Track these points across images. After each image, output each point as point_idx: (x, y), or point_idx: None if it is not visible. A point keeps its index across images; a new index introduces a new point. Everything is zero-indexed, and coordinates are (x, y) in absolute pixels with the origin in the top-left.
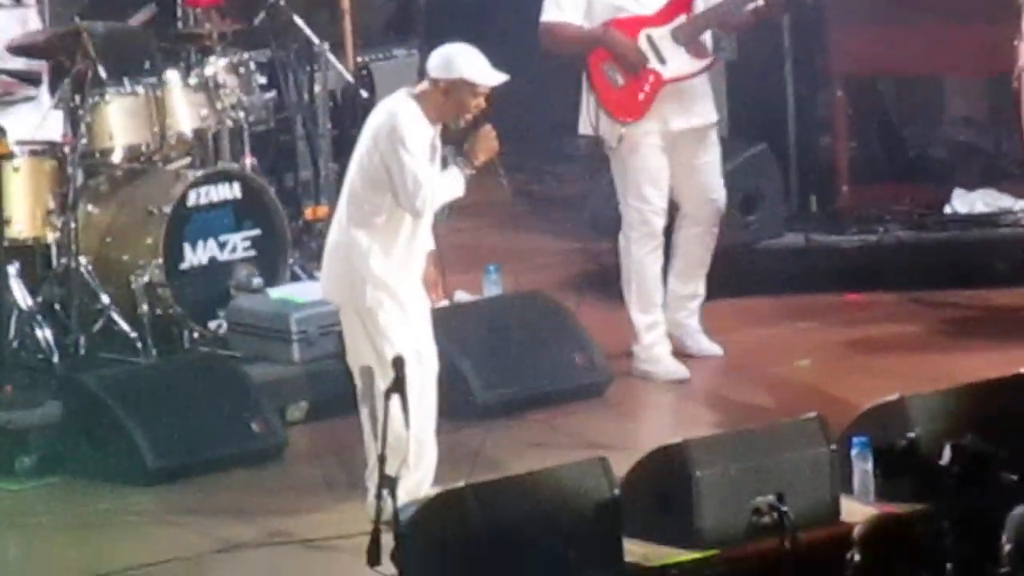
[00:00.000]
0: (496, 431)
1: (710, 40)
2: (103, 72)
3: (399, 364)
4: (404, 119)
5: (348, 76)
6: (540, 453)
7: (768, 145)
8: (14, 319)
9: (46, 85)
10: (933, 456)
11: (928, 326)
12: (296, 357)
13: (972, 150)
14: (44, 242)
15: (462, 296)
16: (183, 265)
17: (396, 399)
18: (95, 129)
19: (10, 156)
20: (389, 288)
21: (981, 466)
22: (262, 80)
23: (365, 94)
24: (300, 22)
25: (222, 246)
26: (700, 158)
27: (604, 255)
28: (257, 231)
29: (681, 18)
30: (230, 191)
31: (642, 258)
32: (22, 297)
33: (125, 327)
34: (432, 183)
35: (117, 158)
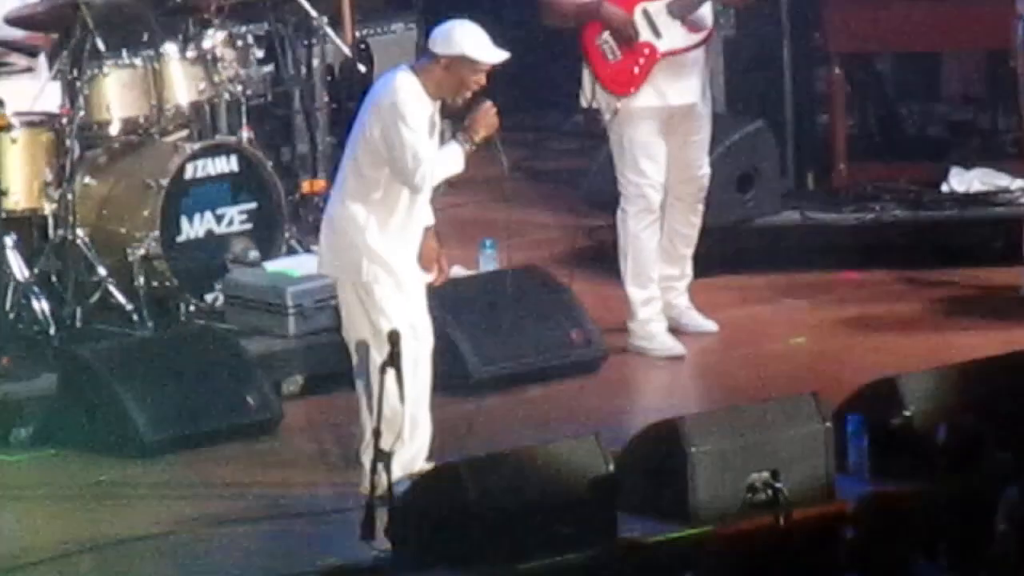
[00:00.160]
0: (491, 406)
1: (708, 14)
2: (101, 44)
3: (395, 338)
4: (404, 94)
5: (346, 50)
6: (535, 429)
7: (765, 122)
8: (11, 291)
9: (44, 57)
10: (927, 435)
11: (924, 304)
12: (292, 331)
13: (969, 129)
14: (41, 214)
15: (458, 271)
16: (180, 238)
17: (391, 373)
18: (93, 101)
19: (8, 128)
20: (385, 262)
21: (975, 445)
22: (260, 53)
23: (363, 68)
24: None
25: (219, 219)
26: (692, 134)
27: (601, 231)
28: (254, 204)
29: None
30: (227, 164)
31: (638, 232)
32: (19, 269)
33: (122, 299)
34: (431, 159)
35: (115, 130)
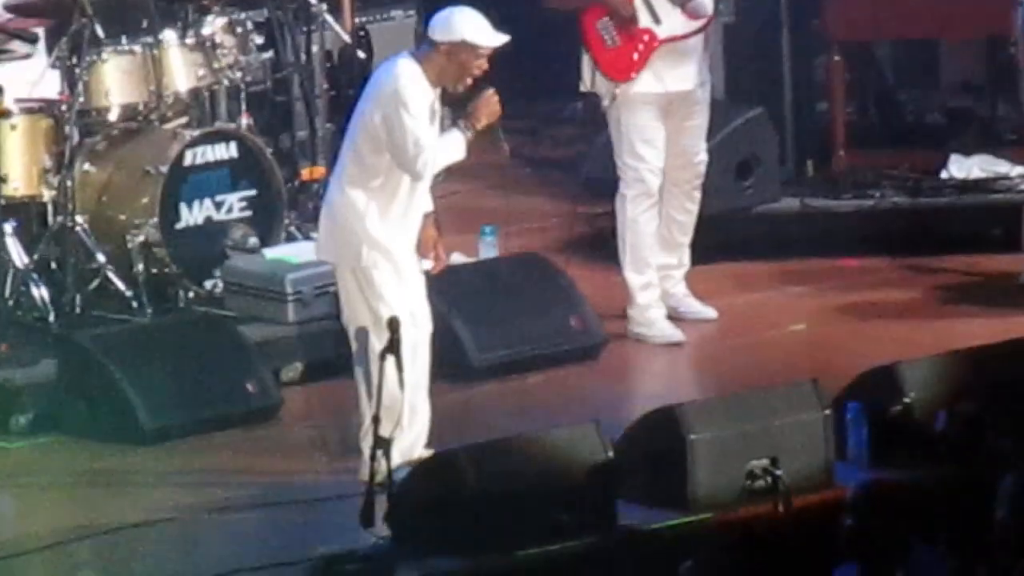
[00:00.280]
0: (490, 393)
1: (708, 1)
2: (100, 31)
3: (394, 325)
4: (405, 81)
5: (345, 37)
6: (534, 415)
7: (765, 109)
8: (10, 277)
9: (43, 43)
10: (927, 422)
11: (923, 291)
12: (291, 317)
13: (969, 115)
14: (40, 200)
15: (458, 258)
16: (179, 225)
17: (391, 360)
18: (92, 88)
19: (7, 114)
20: (385, 249)
21: (975, 432)
22: (259, 40)
23: (362, 55)
24: None
25: (218, 206)
26: (689, 120)
27: (600, 218)
28: (253, 191)
29: None
30: (227, 151)
31: (637, 216)
32: (18, 255)
33: (121, 286)
34: (433, 146)
35: (114, 117)
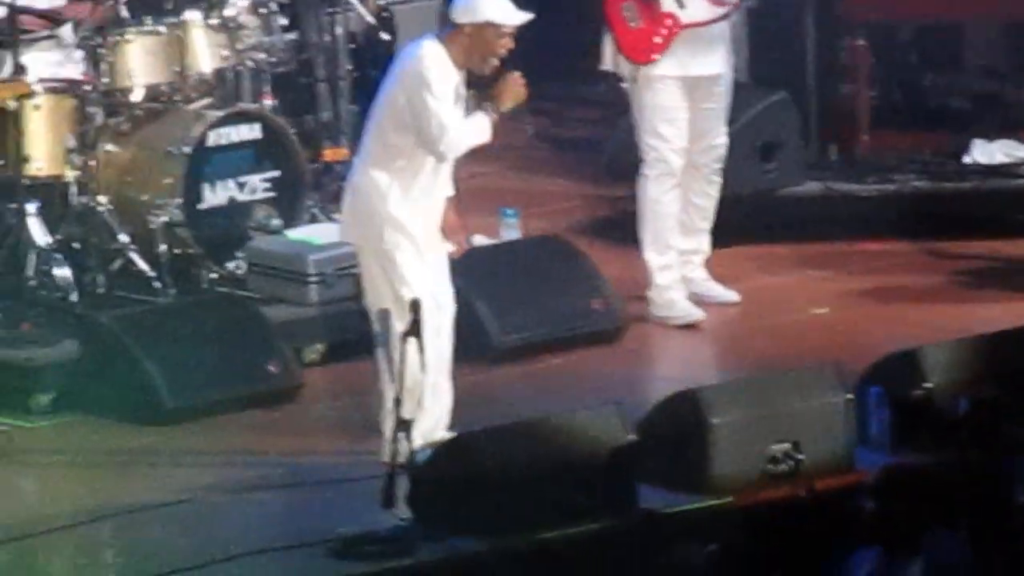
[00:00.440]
0: (512, 375)
1: None
2: (124, 11)
3: (416, 307)
4: (430, 63)
5: (369, 18)
6: (555, 398)
7: (788, 92)
8: (33, 257)
9: (68, 24)
10: (948, 406)
11: (945, 276)
12: (313, 298)
13: (992, 100)
14: (63, 180)
15: (479, 240)
16: (202, 205)
17: (413, 342)
18: (116, 68)
19: (30, 94)
20: (407, 231)
21: (996, 417)
22: (283, 21)
23: (386, 36)
24: None
25: (241, 187)
26: (710, 103)
27: (622, 200)
28: (276, 172)
29: None
30: (250, 132)
31: (658, 197)
32: (41, 235)
33: (143, 266)
34: (457, 127)
35: (137, 97)
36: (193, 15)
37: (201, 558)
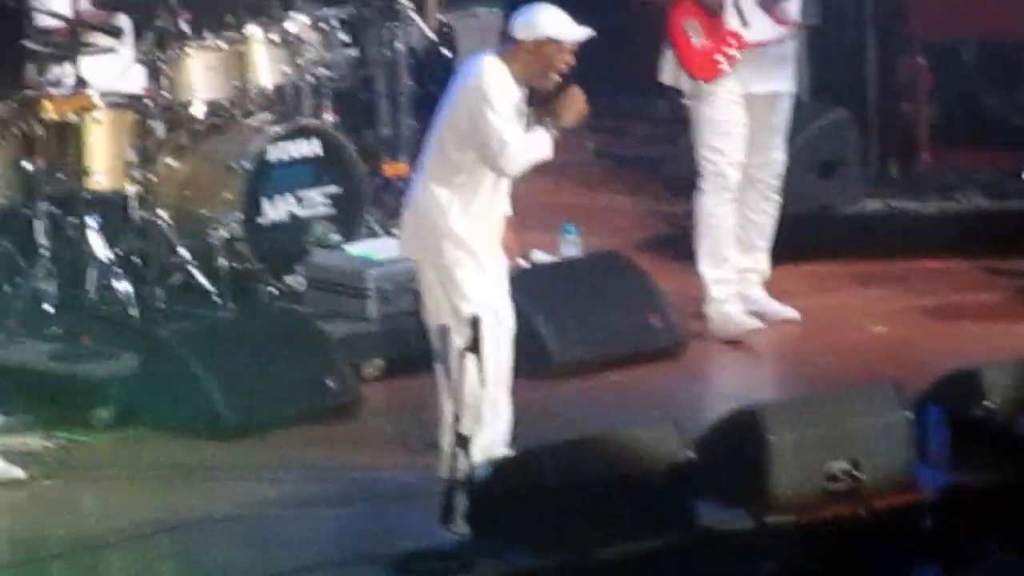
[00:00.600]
0: (571, 392)
1: (795, 8)
2: (185, 26)
3: (476, 323)
4: (490, 78)
5: (430, 34)
6: (615, 414)
7: (849, 110)
8: (93, 271)
9: (129, 38)
10: (1009, 426)
11: (1006, 294)
12: (373, 313)
13: None
14: (124, 194)
15: (540, 256)
16: (262, 220)
17: (472, 358)
18: (176, 82)
19: (91, 108)
20: (467, 246)
21: None
22: (344, 37)
23: (446, 52)
24: None
25: (301, 202)
26: (769, 120)
27: (682, 217)
28: (336, 187)
29: None
30: (310, 147)
31: (714, 209)
32: (101, 249)
33: (203, 281)
34: (518, 143)
35: (198, 112)
36: (254, 30)
37: (260, 572)
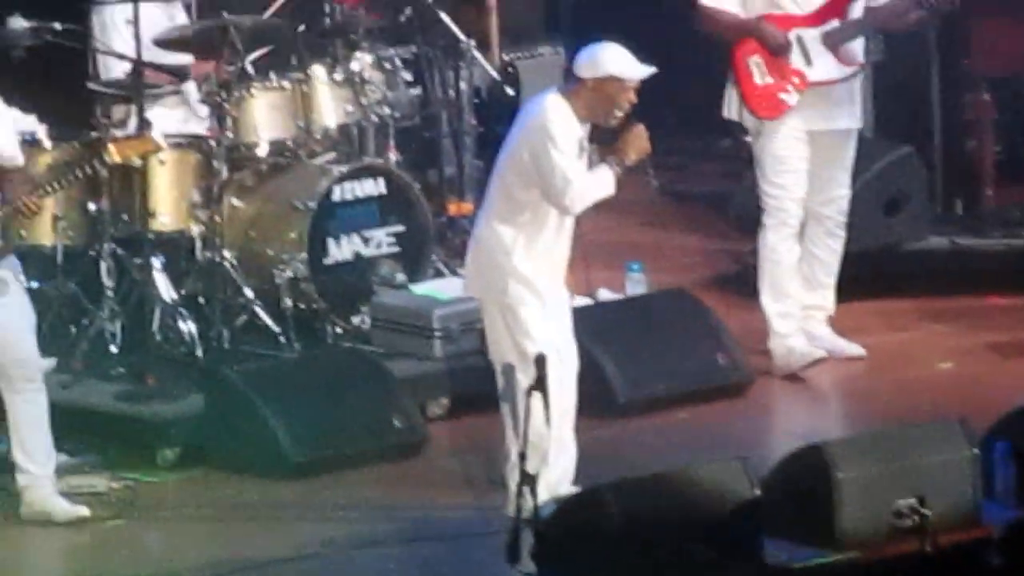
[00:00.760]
0: (637, 429)
1: (860, 48)
2: (249, 66)
3: (541, 362)
4: (554, 116)
5: (493, 73)
6: (681, 452)
7: (913, 147)
8: (158, 312)
9: (193, 79)
10: None
11: None
12: (438, 353)
13: None
14: (189, 235)
15: (605, 294)
16: (327, 260)
17: (538, 396)
18: (240, 123)
19: (156, 149)
20: (531, 284)
21: None
22: (407, 76)
23: (510, 91)
24: (446, 19)
25: (366, 241)
26: (834, 157)
27: (747, 255)
28: (401, 227)
29: (834, 22)
30: (375, 187)
31: (776, 245)
32: (166, 290)
33: (268, 321)
34: (582, 181)
35: (262, 152)
36: (318, 70)
37: None
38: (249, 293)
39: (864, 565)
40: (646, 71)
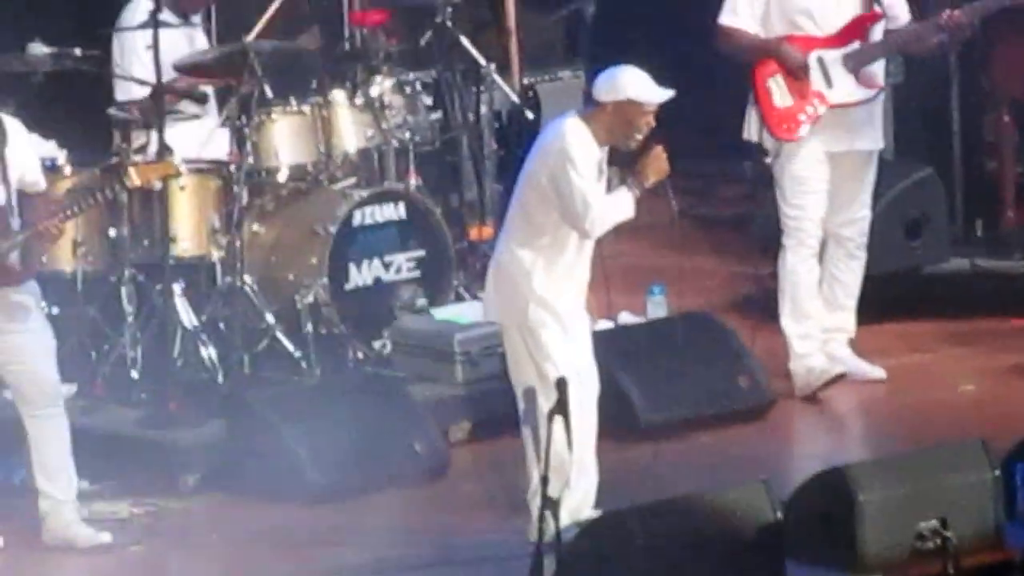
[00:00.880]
0: (659, 452)
1: (880, 70)
2: (269, 91)
3: (562, 385)
4: (573, 140)
5: (514, 97)
6: (703, 475)
7: (934, 168)
8: (179, 337)
9: (213, 103)
10: None
11: None
12: (459, 377)
13: None
14: (209, 260)
15: (626, 317)
16: (348, 285)
17: (559, 420)
18: (261, 148)
19: (176, 174)
20: (551, 308)
21: None
22: (428, 100)
23: (531, 115)
24: (466, 43)
25: (387, 266)
26: (853, 178)
27: (768, 278)
28: (422, 251)
29: (855, 44)
30: (395, 211)
31: (795, 266)
32: (187, 315)
33: (289, 346)
34: (601, 204)
35: (283, 177)
36: (338, 95)
37: None
38: (270, 318)
39: None
40: (665, 94)
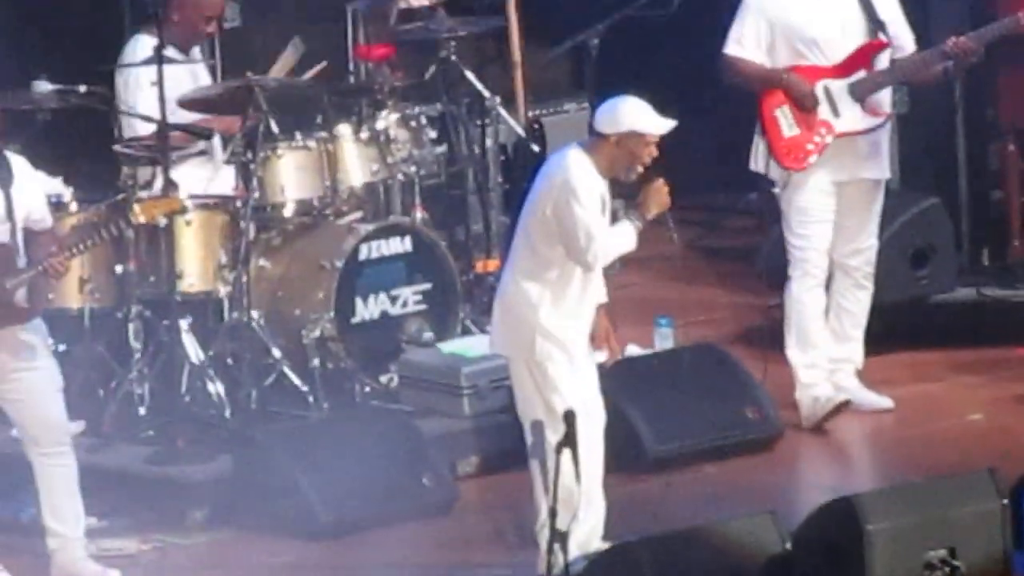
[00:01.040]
0: (666, 484)
1: (887, 99)
2: (275, 126)
3: (570, 418)
4: (575, 171)
5: (519, 130)
6: (711, 506)
7: (940, 198)
8: (186, 373)
9: (218, 139)
10: None
11: None
12: (467, 411)
13: None
14: (216, 296)
15: (633, 349)
16: (355, 319)
17: (567, 453)
18: (267, 183)
19: (182, 210)
20: (558, 340)
21: None
22: (433, 134)
23: (536, 148)
24: (471, 76)
25: (393, 300)
26: (860, 208)
27: (775, 309)
28: (428, 285)
29: (861, 73)
30: (401, 245)
31: (801, 295)
32: (194, 351)
33: (297, 381)
34: (604, 236)
35: (289, 212)
36: (343, 129)
37: None
38: (277, 353)
39: None
40: (667, 125)
